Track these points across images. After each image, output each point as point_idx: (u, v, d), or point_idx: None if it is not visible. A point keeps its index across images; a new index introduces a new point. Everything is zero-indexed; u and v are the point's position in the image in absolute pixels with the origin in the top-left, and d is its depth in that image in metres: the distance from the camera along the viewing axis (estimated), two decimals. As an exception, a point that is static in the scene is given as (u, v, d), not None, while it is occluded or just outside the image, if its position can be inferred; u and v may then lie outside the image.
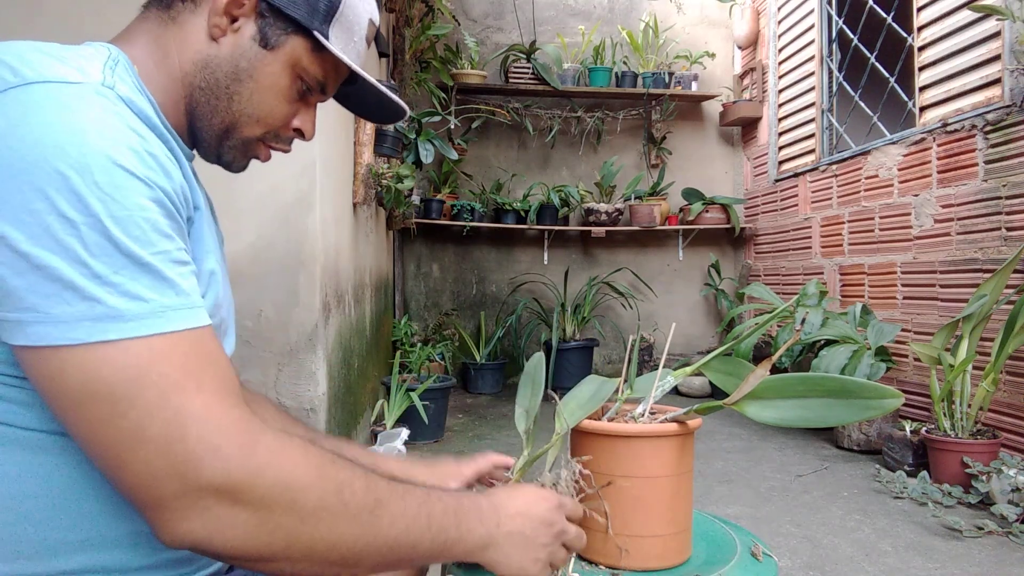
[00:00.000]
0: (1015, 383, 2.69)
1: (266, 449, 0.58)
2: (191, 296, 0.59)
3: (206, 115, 0.75)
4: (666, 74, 4.90)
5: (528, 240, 5.12)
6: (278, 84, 0.75)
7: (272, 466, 0.57)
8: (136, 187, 0.56)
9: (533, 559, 0.73)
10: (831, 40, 4.18)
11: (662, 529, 0.82)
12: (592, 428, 0.83)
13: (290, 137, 0.81)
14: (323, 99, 0.82)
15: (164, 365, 0.55)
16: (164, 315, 0.56)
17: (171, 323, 0.57)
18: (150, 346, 0.55)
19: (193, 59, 0.73)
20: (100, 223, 0.54)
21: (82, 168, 0.54)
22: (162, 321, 0.56)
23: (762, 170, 4.92)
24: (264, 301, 2.01)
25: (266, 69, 0.74)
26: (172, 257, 0.58)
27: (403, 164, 3.33)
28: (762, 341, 4.34)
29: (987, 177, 2.85)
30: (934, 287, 3.16)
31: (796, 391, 0.78)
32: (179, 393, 0.55)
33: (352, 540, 0.60)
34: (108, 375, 0.54)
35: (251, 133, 0.77)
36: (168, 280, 0.57)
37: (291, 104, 0.77)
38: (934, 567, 1.93)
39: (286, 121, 0.79)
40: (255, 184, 2.00)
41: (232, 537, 0.56)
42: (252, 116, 0.76)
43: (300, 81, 0.76)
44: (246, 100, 0.75)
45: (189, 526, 0.55)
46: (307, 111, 0.80)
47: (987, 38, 2.88)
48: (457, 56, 4.73)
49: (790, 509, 2.41)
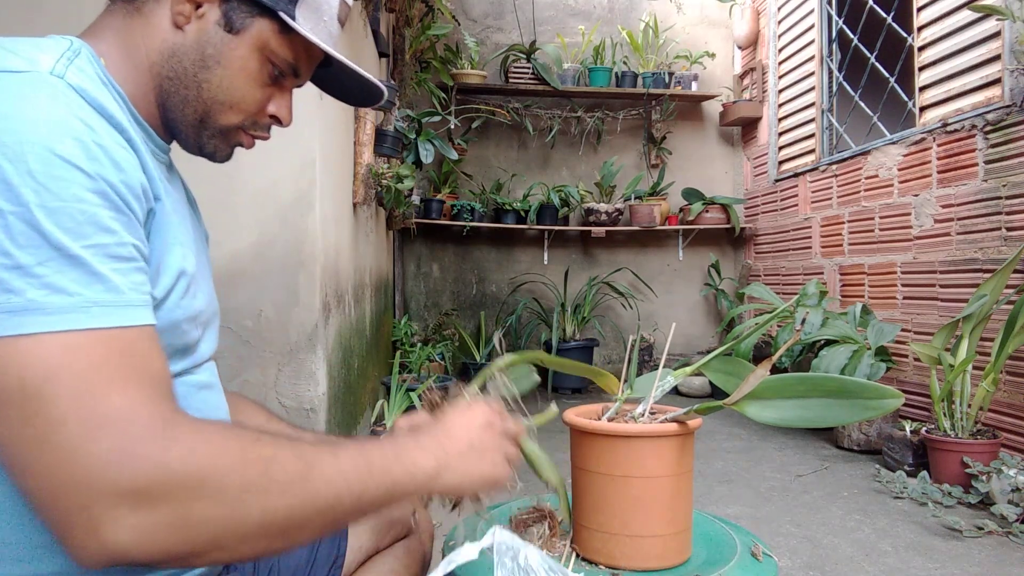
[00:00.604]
0: (1015, 383, 2.69)
1: (183, 443, 0.54)
2: (126, 293, 0.56)
3: (178, 106, 0.73)
4: (666, 74, 4.90)
5: (528, 240, 5.12)
6: (247, 69, 0.73)
7: (190, 459, 0.54)
8: (75, 178, 0.55)
9: (491, 463, 0.75)
10: (831, 40, 4.18)
11: (662, 529, 0.82)
12: (592, 428, 0.83)
13: (267, 124, 0.80)
14: (298, 83, 0.80)
15: (81, 363, 0.52)
16: (88, 311, 0.53)
17: (95, 319, 0.54)
18: (67, 342, 0.52)
19: (159, 49, 0.71)
20: (30, 213, 0.52)
21: (16, 157, 0.53)
22: (85, 316, 0.53)
23: (762, 170, 4.92)
24: (264, 301, 2.01)
25: (233, 54, 0.72)
26: (109, 252, 0.56)
27: (403, 164, 3.33)
28: (762, 341, 4.34)
29: (987, 177, 2.85)
30: (934, 287, 3.16)
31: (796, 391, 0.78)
32: (93, 394, 0.52)
33: (288, 512, 0.58)
34: (20, 371, 0.51)
35: (227, 121, 0.76)
36: (98, 274, 0.55)
37: (263, 89, 0.76)
38: (934, 567, 1.93)
39: (260, 107, 0.77)
40: (254, 183, 2.00)
41: (155, 542, 0.52)
42: (224, 103, 0.74)
43: (270, 65, 0.74)
44: (216, 87, 0.73)
45: (102, 541, 0.51)
46: (282, 96, 0.79)
47: (987, 38, 2.87)
48: (457, 56, 4.73)
49: (790, 509, 2.41)
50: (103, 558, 0.52)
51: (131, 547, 0.52)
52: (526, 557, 0.70)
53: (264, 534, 0.57)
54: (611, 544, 0.81)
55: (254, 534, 0.57)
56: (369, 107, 0.85)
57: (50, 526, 0.52)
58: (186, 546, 0.54)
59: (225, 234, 1.94)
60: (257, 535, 0.57)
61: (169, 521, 0.53)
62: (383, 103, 0.88)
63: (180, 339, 0.70)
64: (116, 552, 0.51)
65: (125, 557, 0.52)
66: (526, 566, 0.69)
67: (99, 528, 0.51)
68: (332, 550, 0.96)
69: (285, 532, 0.59)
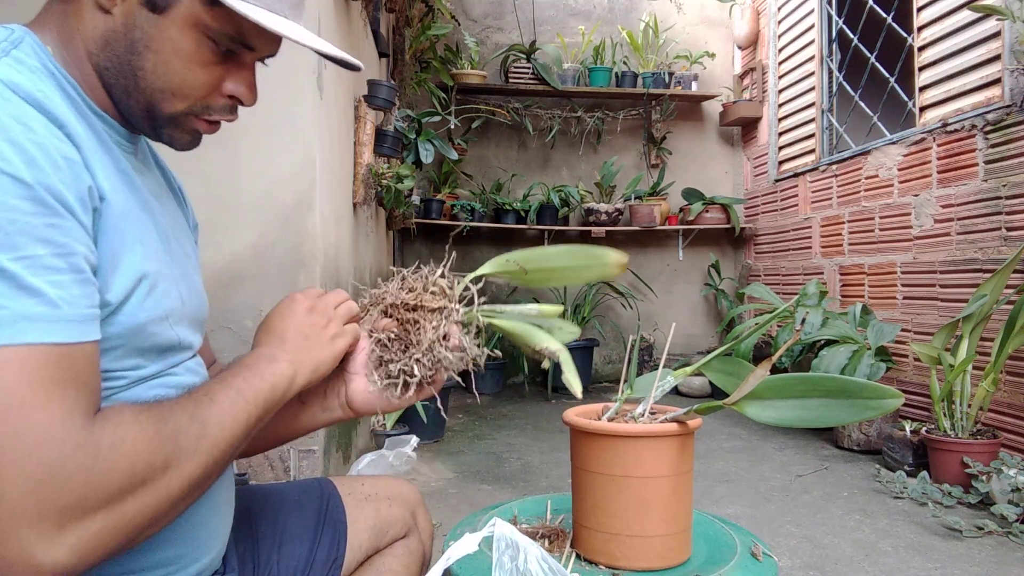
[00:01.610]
0: (1015, 383, 2.69)
1: (108, 446, 0.54)
2: (61, 307, 0.53)
3: (122, 96, 0.68)
4: (666, 74, 4.90)
5: (528, 240, 5.12)
6: (181, 50, 0.66)
7: (116, 461, 0.54)
8: (7, 186, 0.52)
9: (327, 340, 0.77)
10: (831, 40, 4.18)
11: (662, 529, 0.81)
12: (592, 428, 0.83)
13: (226, 105, 0.72)
14: (259, 56, 0.72)
15: (8, 379, 0.50)
16: (16, 325, 0.51)
17: (23, 334, 0.51)
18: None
19: (92, 37, 0.66)
20: None
21: None
22: (11, 331, 0.50)
23: (762, 170, 4.92)
24: (264, 301, 2.01)
25: (163, 36, 0.65)
26: (43, 263, 0.53)
27: (403, 164, 3.33)
28: (762, 341, 4.34)
29: (987, 177, 2.85)
30: (934, 287, 3.16)
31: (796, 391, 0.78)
32: (20, 411, 0.50)
33: (203, 469, 0.62)
34: None
35: (173, 109, 0.69)
36: (30, 288, 0.51)
37: (207, 69, 0.68)
38: (934, 567, 1.93)
39: (209, 89, 0.70)
40: (254, 184, 2.00)
41: (96, 549, 0.53)
42: (164, 91, 0.68)
43: (211, 42, 0.67)
44: (151, 74, 0.67)
45: (40, 568, 0.50)
46: (239, 73, 0.71)
47: (987, 38, 2.87)
48: (457, 56, 4.73)
49: (790, 509, 2.41)
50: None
51: (73, 564, 0.52)
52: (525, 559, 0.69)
53: (188, 495, 0.61)
54: (611, 544, 0.80)
55: (181, 499, 0.60)
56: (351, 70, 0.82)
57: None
58: (125, 539, 0.56)
59: (225, 234, 1.94)
60: (184, 499, 0.60)
61: (105, 526, 0.53)
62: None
63: (149, 340, 0.67)
64: (66, 568, 0.51)
65: (75, 571, 0.52)
66: (525, 570, 0.69)
67: (34, 556, 0.50)
68: (331, 551, 0.96)
69: (203, 483, 0.63)
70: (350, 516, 0.98)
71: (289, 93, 2.00)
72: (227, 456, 0.65)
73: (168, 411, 0.61)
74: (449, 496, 2.53)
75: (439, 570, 0.67)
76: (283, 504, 0.97)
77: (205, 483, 0.63)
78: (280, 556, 0.92)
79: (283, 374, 0.72)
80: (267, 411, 0.70)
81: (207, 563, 0.76)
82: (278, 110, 1.99)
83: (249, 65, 0.72)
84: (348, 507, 0.99)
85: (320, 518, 0.97)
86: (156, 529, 0.60)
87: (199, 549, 0.74)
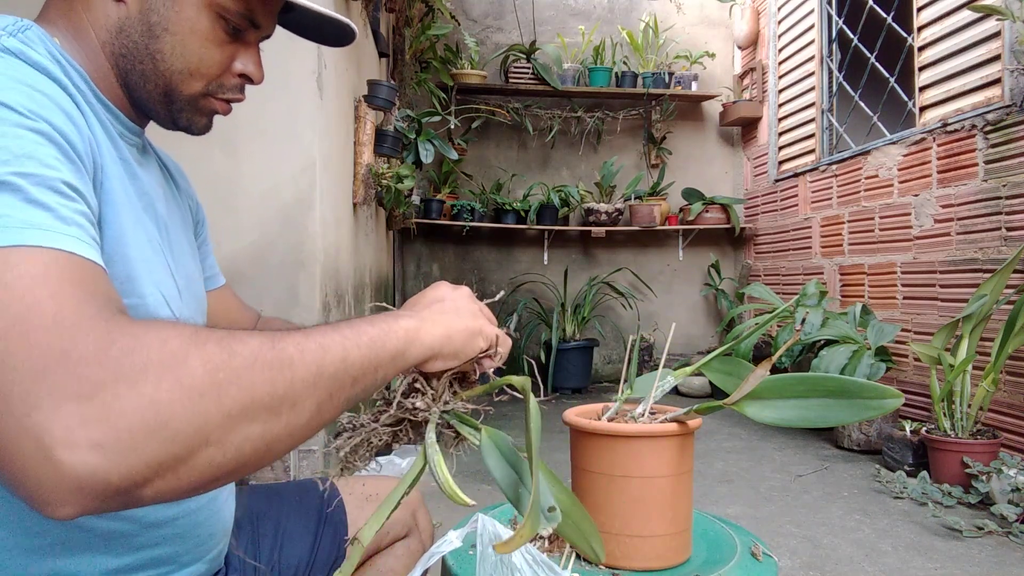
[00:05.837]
0: (1015, 383, 2.69)
1: (131, 331, 0.45)
2: (71, 226, 0.50)
3: (139, 83, 0.70)
4: (666, 74, 4.90)
5: (528, 240, 5.12)
6: (198, 30, 0.68)
7: (145, 343, 0.45)
8: (11, 118, 0.51)
9: (472, 316, 0.68)
10: (831, 40, 4.18)
11: (662, 529, 0.82)
12: (592, 428, 0.83)
13: (238, 84, 0.75)
14: (262, 35, 0.75)
15: (8, 275, 0.45)
16: (23, 232, 0.47)
17: (31, 239, 0.47)
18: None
19: (106, 26, 0.68)
20: None
21: None
22: (17, 235, 0.46)
23: (762, 170, 4.92)
24: (264, 301, 2.01)
25: (180, 16, 0.68)
26: (50, 184, 0.50)
27: (403, 164, 3.33)
28: (762, 341, 4.34)
29: (987, 177, 2.85)
30: (934, 287, 3.16)
31: (796, 391, 0.78)
32: (22, 301, 0.44)
33: (269, 385, 0.48)
34: None
35: (191, 90, 0.71)
36: (38, 202, 0.49)
37: (222, 48, 0.71)
38: (934, 567, 1.93)
39: (223, 67, 0.72)
40: (255, 184, 2.00)
41: (130, 450, 0.42)
42: (183, 71, 0.70)
43: (223, 21, 0.69)
44: (170, 56, 0.69)
45: (59, 468, 0.40)
46: (247, 52, 0.74)
47: (987, 38, 2.88)
48: (457, 56, 4.73)
49: (790, 509, 2.41)
50: (75, 496, 0.41)
51: (102, 465, 0.41)
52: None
53: (249, 414, 0.47)
54: (611, 544, 0.80)
55: (240, 414, 0.46)
56: (344, 45, 0.82)
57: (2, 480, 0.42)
58: (171, 444, 0.43)
59: (225, 235, 1.94)
60: (243, 415, 0.46)
61: (136, 407, 0.42)
62: (354, 38, 0.83)
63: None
64: (85, 478, 0.41)
65: (103, 487, 0.41)
66: (509, 563, 0.68)
67: (52, 452, 0.40)
68: (332, 550, 0.96)
69: (273, 409, 0.48)
70: (351, 516, 0.99)
71: (289, 93, 2.00)
72: (311, 387, 0.51)
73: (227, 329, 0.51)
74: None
75: (419, 570, 0.66)
76: (284, 504, 0.97)
77: (282, 410, 0.49)
78: (281, 556, 0.92)
79: (404, 324, 0.61)
80: (375, 354, 0.57)
81: (208, 563, 0.76)
82: (278, 110, 1.99)
83: (254, 44, 0.75)
84: (349, 507, 0.99)
85: (321, 518, 0.97)
86: (216, 454, 0.45)
87: (199, 548, 0.74)
